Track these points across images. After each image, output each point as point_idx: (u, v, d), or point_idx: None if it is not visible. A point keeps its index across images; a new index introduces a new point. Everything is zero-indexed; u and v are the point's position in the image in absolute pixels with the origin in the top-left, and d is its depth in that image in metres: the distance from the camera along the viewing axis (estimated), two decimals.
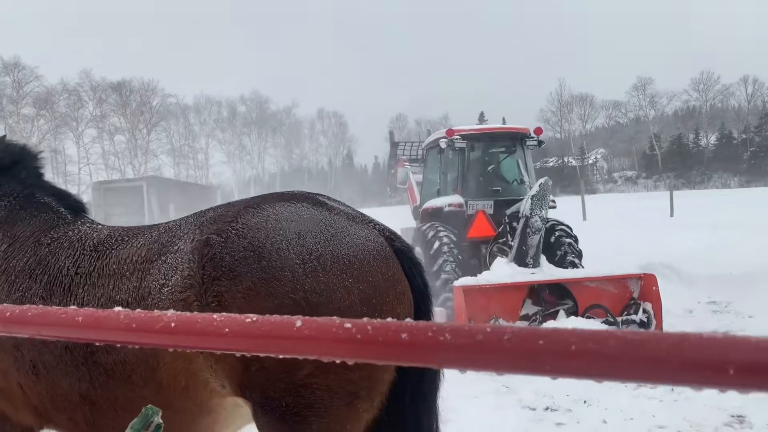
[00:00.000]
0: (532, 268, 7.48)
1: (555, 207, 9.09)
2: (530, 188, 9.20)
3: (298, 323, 1.03)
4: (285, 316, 1.07)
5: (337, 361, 1.02)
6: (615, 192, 69.55)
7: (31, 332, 1.29)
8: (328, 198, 2.40)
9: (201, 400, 2.15)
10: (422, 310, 2.34)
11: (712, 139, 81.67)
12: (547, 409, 5.19)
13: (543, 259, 7.68)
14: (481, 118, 73.17)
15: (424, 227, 9.41)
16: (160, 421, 2.26)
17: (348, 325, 0.98)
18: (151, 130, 73.40)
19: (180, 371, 2.10)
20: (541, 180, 7.64)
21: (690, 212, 24.58)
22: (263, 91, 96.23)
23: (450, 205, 9.60)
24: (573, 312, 7.22)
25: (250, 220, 2.14)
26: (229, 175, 79.84)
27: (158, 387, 2.13)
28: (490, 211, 9.32)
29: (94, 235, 2.48)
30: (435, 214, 9.77)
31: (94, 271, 2.31)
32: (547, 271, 7.41)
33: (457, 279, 7.38)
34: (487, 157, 10.33)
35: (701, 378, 0.74)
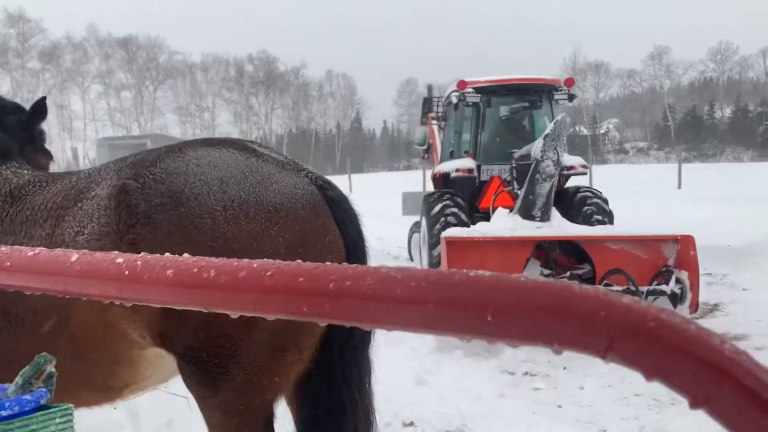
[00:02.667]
0: (539, 221, 6.14)
1: (585, 173, 8.26)
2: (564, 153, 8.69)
3: (74, 257, 0.94)
4: (65, 250, 0.97)
5: (117, 303, 0.93)
6: (626, 163, 68.82)
7: None
8: (260, 145, 2.30)
9: (120, 351, 2.07)
10: (355, 260, 2.23)
11: (727, 111, 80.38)
12: (526, 374, 5.15)
13: (555, 212, 6.37)
14: None
15: (431, 196, 8.16)
16: (53, 370, 2.12)
17: (120, 261, 0.88)
18: (157, 88, 73.19)
19: (95, 321, 2.01)
20: (558, 117, 6.32)
21: (698, 185, 24.26)
22: (271, 50, 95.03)
23: (458, 170, 8.29)
24: (589, 279, 6.02)
25: (170, 165, 2.05)
26: (236, 136, 79.60)
27: (72, 338, 2.04)
28: (509, 177, 7.83)
29: (14, 180, 2.34)
30: (445, 181, 8.59)
31: (6, 217, 2.19)
32: (558, 226, 6.13)
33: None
34: (507, 114, 9.02)
35: (459, 324, 0.62)
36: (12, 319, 2.08)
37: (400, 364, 4.96)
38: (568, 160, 7.97)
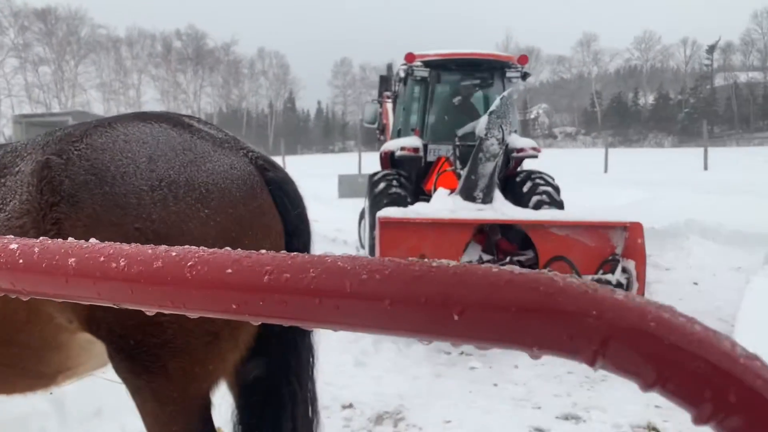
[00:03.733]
0: (481, 203, 5.78)
1: (536, 156, 7.78)
2: (510, 132, 8.28)
3: None
4: None
5: (11, 296, 0.83)
6: (554, 147, 70.90)
7: None
8: (198, 120, 2.14)
9: (46, 336, 1.94)
10: (296, 248, 2.11)
11: (650, 99, 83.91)
12: (462, 353, 5.18)
13: (498, 195, 6.01)
14: None
15: (375, 175, 7.60)
16: None
17: (13, 246, 0.76)
18: (79, 63, 69.50)
19: (19, 305, 1.86)
20: (504, 92, 5.82)
21: (623, 169, 25.23)
22: (200, 25, 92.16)
23: (403, 148, 7.74)
24: (532, 266, 5.58)
25: (96, 141, 1.90)
26: None
27: None
28: (452, 157, 7.44)
29: None
30: (392, 161, 8.04)
31: None
32: (501, 209, 5.76)
33: None
34: (457, 91, 8.43)
35: (419, 325, 0.54)
36: None
37: (339, 346, 4.90)
38: (519, 141, 7.73)
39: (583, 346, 0.48)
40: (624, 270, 5.32)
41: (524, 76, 8.09)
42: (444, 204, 5.77)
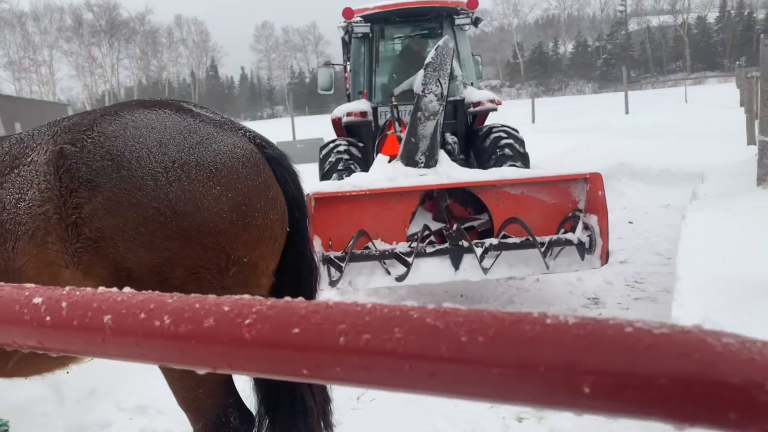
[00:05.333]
0: (424, 167, 5.22)
1: (495, 109, 7.19)
2: (465, 85, 7.38)
3: None
4: None
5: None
6: None
7: None
8: (195, 105, 2.29)
9: None
10: (296, 217, 2.32)
11: (570, 47, 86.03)
12: None
13: (444, 157, 5.47)
14: None
15: (325, 146, 7.09)
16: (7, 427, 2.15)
17: (37, 301, 0.71)
18: None
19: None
20: (439, 42, 5.22)
21: (549, 118, 26.04)
22: None
23: (349, 113, 7.25)
24: (487, 231, 5.24)
25: (107, 128, 2.05)
26: (80, 90, 73.27)
27: None
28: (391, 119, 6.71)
29: None
30: (342, 128, 7.49)
31: None
32: (445, 172, 5.20)
33: None
34: (403, 45, 7.86)
35: (538, 396, 0.48)
36: None
37: None
38: (475, 94, 7.26)
39: (753, 425, 0.42)
40: (586, 227, 4.83)
41: (476, 21, 7.61)
42: (383, 172, 5.25)
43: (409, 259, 4.60)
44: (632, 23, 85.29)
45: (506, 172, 5.12)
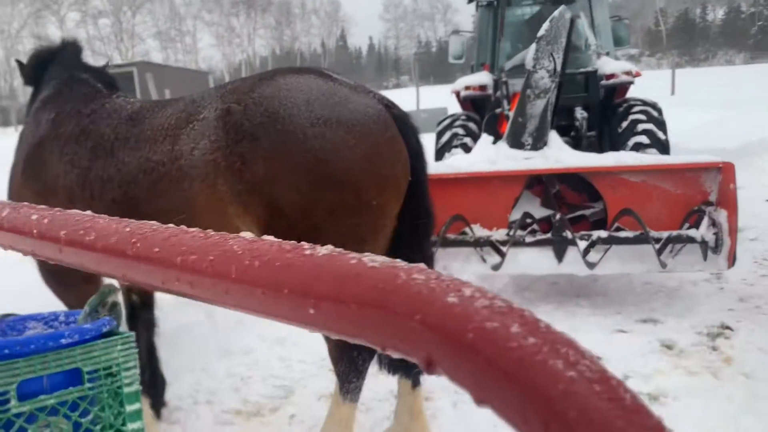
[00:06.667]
0: (531, 149, 4.77)
1: (632, 82, 6.60)
2: (599, 55, 6.78)
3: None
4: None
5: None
6: None
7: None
8: (333, 71, 2.66)
9: None
10: (417, 168, 2.63)
11: (720, 13, 79.03)
12: None
13: (555, 138, 4.95)
14: None
15: (442, 122, 6.78)
16: (116, 299, 2.55)
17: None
18: (135, 12, 70.64)
19: (213, 220, 2.43)
20: (555, 13, 4.78)
21: (691, 90, 24.41)
22: None
23: (468, 87, 6.87)
24: (601, 221, 4.81)
25: (265, 90, 2.42)
26: (219, 59, 77.91)
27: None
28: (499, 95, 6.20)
29: (128, 107, 2.81)
30: (464, 102, 7.12)
31: (131, 136, 2.64)
32: (554, 156, 4.69)
33: None
34: (532, 14, 7.31)
35: (286, 313, 0.58)
36: (144, 219, 2.50)
37: None
38: (608, 65, 6.64)
39: (414, 352, 0.46)
40: (713, 223, 4.27)
41: None
42: (485, 154, 4.87)
43: (504, 249, 4.35)
44: None
45: (624, 157, 4.64)
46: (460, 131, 6.40)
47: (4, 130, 24.95)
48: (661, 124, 6.04)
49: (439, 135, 6.57)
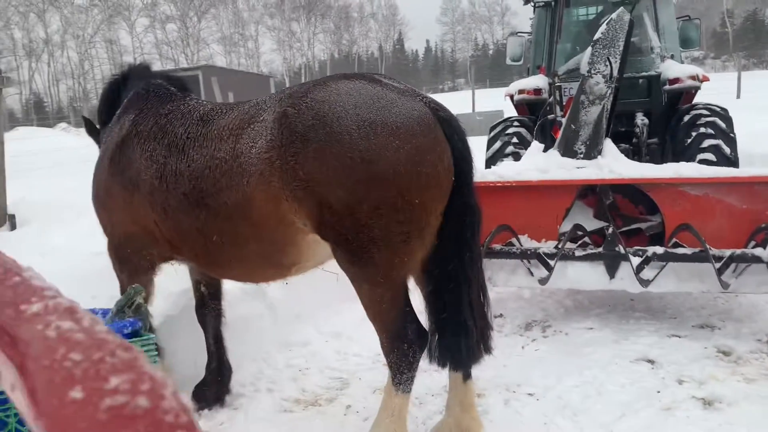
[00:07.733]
0: (583, 158, 4.55)
1: (699, 87, 6.14)
2: (663, 58, 6.43)
3: None
4: None
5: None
6: None
7: None
8: (384, 76, 2.82)
9: (288, 235, 2.75)
10: (462, 169, 2.75)
11: None
12: None
13: (610, 146, 4.65)
14: None
15: (495, 127, 6.60)
16: (141, 301, 2.73)
17: None
18: (201, 18, 72.91)
19: (270, 213, 2.66)
20: (612, 15, 4.60)
21: (759, 94, 23.44)
22: None
23: (521, 91, 6.69)
24: (657, 235, 4.58)
25: (317, 95, 2.61)
26: (280, 63, 79.45)
27: (254, 224, 2.71)
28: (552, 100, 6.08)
29: (200, 109, 3.07)
30: (519, 106, 6.93)
31: (200, 135, 2.89)
32: (607, 165, 4.43)
33: None
34: (592, 15, 7.05)
35: None
36: (210, 211, 2.80)
37: None
38: (672, 69, 6.25)
39: None
40: None
41: None
42: (534, 162, 4.66)
43: (551, 262, 4.12)
44: None
45: (683, 169, 4.32)
46: (512, 139, 6.23)
47: (78, 131, 26.15)
48: (731, 140, 5.62)
49: (491, 141, 6.44)
